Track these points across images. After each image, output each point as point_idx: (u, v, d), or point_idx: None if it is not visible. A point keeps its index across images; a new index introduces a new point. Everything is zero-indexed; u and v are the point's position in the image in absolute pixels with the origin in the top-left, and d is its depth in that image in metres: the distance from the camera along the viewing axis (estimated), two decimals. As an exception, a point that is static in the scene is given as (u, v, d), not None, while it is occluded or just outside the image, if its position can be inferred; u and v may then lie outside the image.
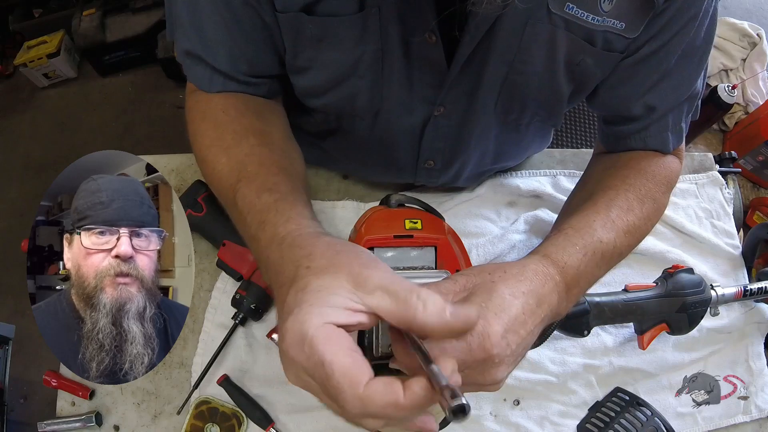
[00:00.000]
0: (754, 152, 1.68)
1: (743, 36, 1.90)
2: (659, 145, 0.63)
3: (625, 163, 0.63)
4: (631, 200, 0.57)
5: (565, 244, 0.50)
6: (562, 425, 0.69)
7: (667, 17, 0.52)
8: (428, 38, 0.51)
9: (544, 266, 0.47)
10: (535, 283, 0.45)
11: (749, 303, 0.77)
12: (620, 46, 0.54)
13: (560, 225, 0.54)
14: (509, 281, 0.43)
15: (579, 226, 0.53)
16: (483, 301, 0.41)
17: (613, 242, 0.53)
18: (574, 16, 0.50)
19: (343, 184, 0.82)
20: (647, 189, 0.59)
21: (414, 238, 0.52)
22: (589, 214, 0.54)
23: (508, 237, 0.75)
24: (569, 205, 0.65)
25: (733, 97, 1.64)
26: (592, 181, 0.64)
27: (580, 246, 0.50)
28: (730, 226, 0.84)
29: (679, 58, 0.56)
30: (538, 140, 0.80)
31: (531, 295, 0.44)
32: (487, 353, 0.39)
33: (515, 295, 0.42)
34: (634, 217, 0.56)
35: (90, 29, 1.99)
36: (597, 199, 0.57)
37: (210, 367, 0.67)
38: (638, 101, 0.60)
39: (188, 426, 0.66)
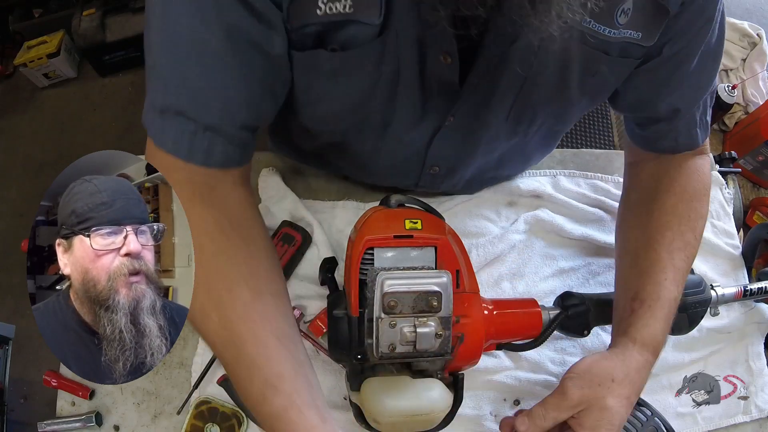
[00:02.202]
0: (754, 152, 1.68)
1: (743, 36, 1.89)
2: (690, 142, 0.66)
3: (668, 187, 0.65)
4: (685, 233, 0.62)
5: (653, 322, 0.56)
6: (562, 425, 0.69)
7: (685, 20, 0.53)
8: (444, 59, 0.50)
9: (644, 357, 0.55)
10: (637, 381, 0.54)
11: (749, 303, 0.77)
12: (637, 53, 0.54)
13: (638, 294, 0.58)
14: (616, 390, 0.52)
15: (657, 293, 0.58)
16: (597, 420, 0.51)
17: (679, 292, 0.60)
18: (591, 30, 0.49)
19: (344, 184, 0.82)
20: (695, 212, 0.63)
21: (414, 238, 0.52)
22: (657, 272, 0.59)
23: (508, 237, 0.75)
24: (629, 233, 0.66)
25: (733, 97, 1.64)
26: (645, 210, 0.65)
27: (663, 317, 0.57)
28: (730, 226, 0.84)
29: (699, 59, 0.57)
30: (541, 148, 0.80)
31: (633, 395, 0.53)
32: None
33: (622, 404, 0.52)
34: (692, 249, 0.62)
35: (90, 29, 1.99)
36: (659, 248, 0.60)
37: (210, 367, 0.67)
38: (664, 102, 0.61)
39: (188, 426, 0.66)
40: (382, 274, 0.47)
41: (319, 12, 0.45)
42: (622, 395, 0.52)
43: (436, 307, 0.47)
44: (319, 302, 0.71)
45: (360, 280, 0.51)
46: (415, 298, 0.47)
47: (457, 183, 0.75)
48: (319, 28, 0.47)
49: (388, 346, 0.48)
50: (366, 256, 0.52)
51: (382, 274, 0.47)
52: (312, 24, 0.47)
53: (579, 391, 0.52)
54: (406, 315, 0.47)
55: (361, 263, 0.51)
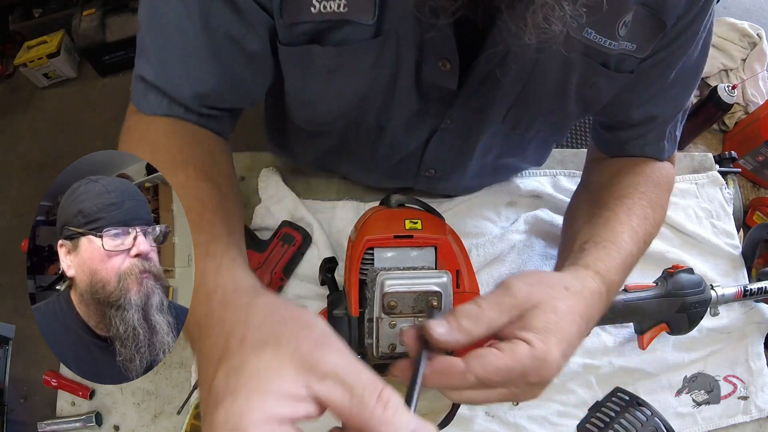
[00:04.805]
0: (754, 152, 1.68)
1: (743, 36, 1.89)
2: (656, 153, 0.65)
3: (630, 169, 0.63)
4: (645, 208, 0.58)
5: (608, 259, 0.50)
6: (561, 425, 0.68)
7: (673, 33, 0.53)
8: (442, 66, 0.50)
9: (597, 284, 0.47)
10: (590, 304, 0.45)
11: (749, 303, 0.77)
12: (630, 66, 0.54)
13: (590, 236, 0.54)
14: (569, 301, 0.42)
15: (612, 238, 0.53)
16: (548, 322, 0.39)
17: (637, 254, 0.54)
18: (593, 41, 0.49)
19: (343, 184, 0.82)
20: (656, 196, 0.60)
21: (414, 238, 0.52)
22: (615, 225, 0.54)
23: (508, 237, 0.75)
24: (580, 211, 0.64)
25: (733, 97, 1.64)
26: (600, 188, 0.64)
27: (620, 261, 0.51)
28: (730, 226, 0.84)
29: (679, 71, 0.57)
30: (537, 157, 0.80)
31: (585, 316, 0.43)
32: (541, 378, 0.38)
33: (574, 319, 0.42)
34: (649, 226, 0.57)
35: (90, 29, 1.99)
36: (615, 208, 0.57)
37: (210, 367, 0.67)
38: (639, 109, 0.61)
39: (188, 426, 0.66)
40: (382, 274, 0.47)
41: (314, 10, 0.46)
42: (576, 310, 0.42)
43: (436, 307, 0.47)
44: (319, 302, 0.71)
45: (360, 280, 0.51)
46: (415, 299, 0.47)
47: (453, 187, 0.75)
48: (313, 26, 0.48)
49: (388, 346, 0.48)
50: (366, 256, 0.52)
51: (382, 274, 0.47)
52: (306, 22, 0.47)
53: (527, 287, 0.41)
54: (406, 315, 0.47)
55: (361, 263, 0.51)
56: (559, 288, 0.43)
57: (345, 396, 0.29)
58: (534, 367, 0.37)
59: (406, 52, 0.50)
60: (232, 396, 0.28)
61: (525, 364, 0.37)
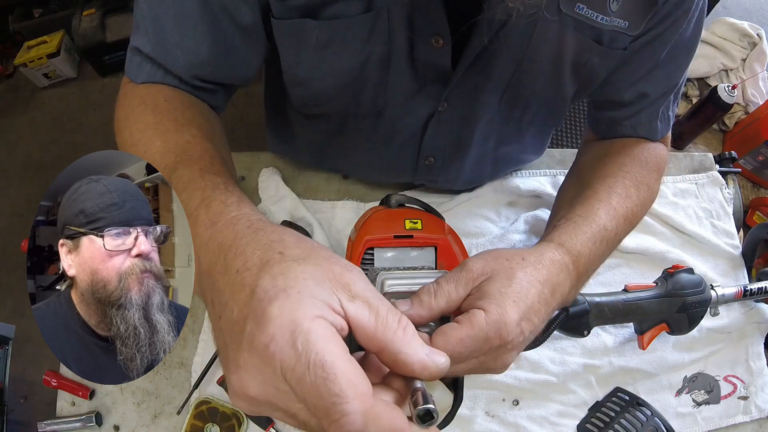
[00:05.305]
0: (754, 152, 1.68)
1: (743, 36, 1.89)
2: (648, 133, 0.65)
3: (618, 150, 0.64)
4: (628, 187, 0.58)
5: (576, 232, 0.51)
6: (561, 425, 0.69)
7: (664, 11, 0.53)
8: (435, 43, 0.51)
9: (560, 255, 0.47)
10: (551, 272, 0.45)
11: (749, 303, 0.77)
12: (623, 44, 0.55)
13: (565, 213, 0.55)
14: (527, 269, 0.43)
15: (585, 214, 0.53)
16: (502, 288, 0.40)
17: (615, 229, 0.54)
18: (584, 17, 0.50)
19: (343, 184, 0.82)
20: (642, 176, 0.60)
21: (414, 238, 0.52)
22: (592, 202, 0.55)
23: (508, 237, 0.75)
24: (566, 192, 0.65)
25: (733, 97, 1.64)
26: (587, 168, 0.64)
27: (590, 235, 0.51)
28: (730, 226, 0.84)
29: (671, 49, 0.58)
30: (536, 145, 0.80)
31: (547, 284, 0.44)
32: (503, 340, 0.39)
33: (532, 284, 0.42)
34: (632, 204, 0.57)
35: (90, 29, 1.99)
36: (596, 186, 0.57)
37: (210, 367, 0.67)
38: (631, 88, 0.61)
39: (188, 426, 0.66)
40: (383, 274, 0.47)
41: None
42: (535, 278, 0.43)
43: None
44: (319, 302, 0.71)
45: (360, 280, 0.51)
46: (415, 298, 0.47)
47: (453, 178, 0.75)
48: (306, 1, 0.49)
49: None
50: (366, 256, 0.52)
51: (382, 274, 0.47)
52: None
53: (482, 262, 0.42)
54: (406, 315, 0.47)
55: (361, 263, 0.51)
56: (516, 259, 0.44)
57: (371, 317, 0.31)
58: (493, 331, 0.38)
59: (398, 27, 0.51)
60: (284, 293, 0.29)
61: (483, 329, 0.38)
